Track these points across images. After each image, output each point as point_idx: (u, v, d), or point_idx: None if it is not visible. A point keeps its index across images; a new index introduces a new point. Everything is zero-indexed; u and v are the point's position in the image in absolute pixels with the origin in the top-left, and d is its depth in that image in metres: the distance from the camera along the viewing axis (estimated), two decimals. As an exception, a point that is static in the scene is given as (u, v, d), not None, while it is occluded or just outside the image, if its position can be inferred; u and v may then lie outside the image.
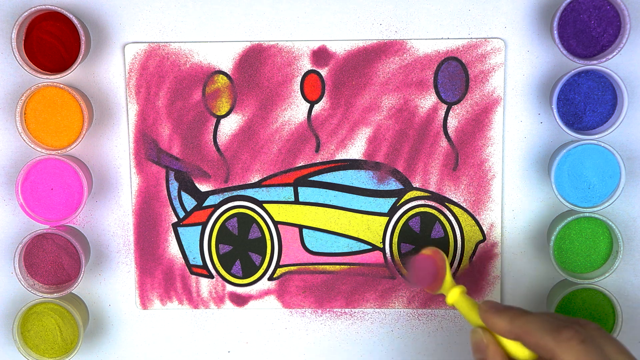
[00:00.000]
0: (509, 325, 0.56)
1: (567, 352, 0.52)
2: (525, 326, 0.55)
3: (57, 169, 0.67)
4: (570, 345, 0.53)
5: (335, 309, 0.71)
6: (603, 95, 0.67)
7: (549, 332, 0.54)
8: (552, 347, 0.53)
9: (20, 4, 0.68)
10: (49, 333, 0.69)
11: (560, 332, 0.53)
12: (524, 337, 0.55)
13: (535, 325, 0.55)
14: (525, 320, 0.56)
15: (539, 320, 0.55)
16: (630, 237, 0.69)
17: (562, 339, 0.53)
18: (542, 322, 0.55)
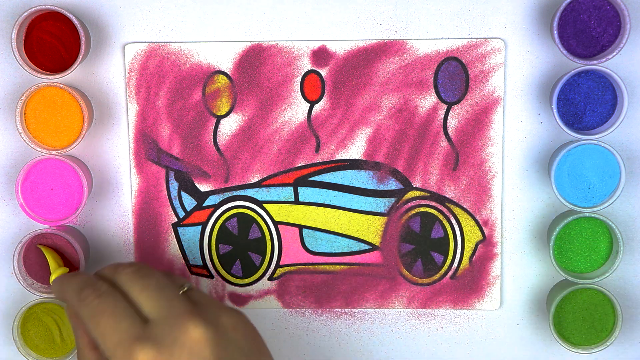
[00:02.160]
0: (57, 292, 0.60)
1: (82, 310, 0.55)
2: (63, 290, 0.58)
3: (57, 169, 0.67)
4: (87, 302, 0.55)
5: (335, 309, 0.71)
6: (603, 95, 0.67)
7: (75, 293, 0.56)
8: (76, 308, 0.56)
9: (20, 4, 0.68)
10: (49, 333, 0.68)
11: (82, 291, 0.56)
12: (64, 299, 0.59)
13: (70, 287, 0.57)
14: (65, 283, 0.58)
15: (74, 281, 0.58)
16: (630, 237, 0.69)
17: (82, 297, 0.56)
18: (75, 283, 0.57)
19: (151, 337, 0.53)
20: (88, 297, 0.56)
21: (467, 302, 0.70)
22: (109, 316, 0.54)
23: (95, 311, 0.55)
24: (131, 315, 0.54)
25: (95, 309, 0.55)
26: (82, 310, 0.56)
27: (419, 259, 0.70)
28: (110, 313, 0.54)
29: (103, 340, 0.54)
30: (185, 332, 0.53)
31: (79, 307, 0.56)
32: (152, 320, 0.54)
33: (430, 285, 0.70)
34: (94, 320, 0.54)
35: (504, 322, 0.71)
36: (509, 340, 0.71)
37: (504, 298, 0.70)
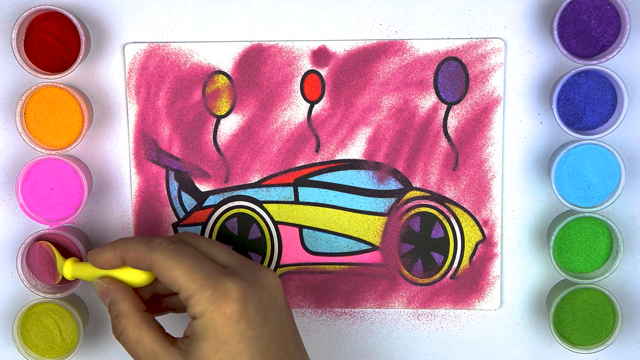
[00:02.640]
0: (112, 252, 0.59)
1: (158, 253, 0.56)
2: (124, 246, 0.59)
3: (57, 169, 0.67)
4: (162, 247, 0.57)
5: (335, 309, 0.71)
6: (603, 95, 0.67)
7: (143, 243, 0.58)
8: (147, 254, 0.57)
9: (20, 4, 0.68)
10: (49, 333, 0.69)
11: (153, 240, 0.58)
12: (126, 257, 0.58)
13: (132, 242, 0.58)
14: (123, 242, 0.59)
15: (135, 239, 0.59)
16: (630, 237, 0.69)
17: (154, 244, 0.57)
18: (139, 239, 0.58)
19: (237, 274, 0.56)
20: (163, 243, 0.57)
21: (467, 302, 0.70)
22: (190, 255, 0.56)
23: (175, 252, 0.56)
24: (209, 258, 0.57)
25: (175, 250, 0.56)
26: (158, 252, 0.57)
27: (419, 259, 0.70)
28: (190, 253, 0.56)
29: (188, 276, 0.55)
30: (263, 275, 0.57)
31: (153, 252, 0.57)
32: (229, 266, 0.57)
33: (430, 285, 0.70)
34: (176, 259, 0.56)
35: (504, 322, 0.71)
36: (509, 340, 0.71)
37: (504, 298, 0.70)
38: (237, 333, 0.54)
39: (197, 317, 0.55)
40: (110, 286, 0.60)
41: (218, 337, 0.54)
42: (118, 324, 0.59)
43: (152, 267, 0.57)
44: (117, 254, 0.59)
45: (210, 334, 0.54)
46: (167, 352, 0.56)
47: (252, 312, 0.54)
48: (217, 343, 0.54)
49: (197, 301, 0.55)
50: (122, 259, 0.59)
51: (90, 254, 0.61)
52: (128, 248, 0.59)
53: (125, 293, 0.60)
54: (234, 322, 0.54)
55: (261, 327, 0.55)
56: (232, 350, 0.54)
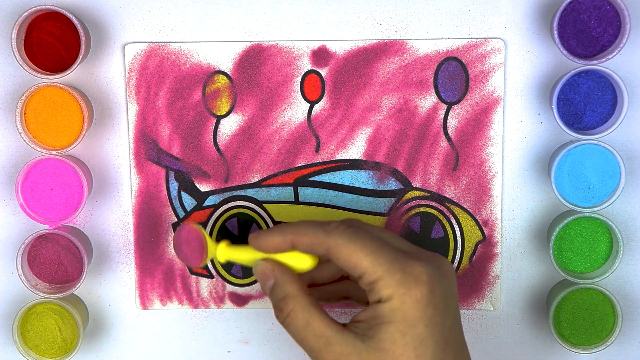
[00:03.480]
0: (281, 236, 0.58)
1: (337, 237, 0.55)
2: (295, 230, 0.57)
3: (57, 169, 0.68)
4: (339, 231, 0.55)
5: (335, 308, 0.71)
6: (603, 95, 0.67)
7: (317, 228, 0.56)
8: (324, 239, 0.55)
9: (20, 4, 0.68)
10: (49, 333, 0.69)
11: (327, 224, 0.56)
12: (298, 241, 0.57)
13: (305, 226, 0.57)
14: (294, 226, 0.58)
15: (307, 222, 0.58)
16: (630, 237, 0.69)
17: (330, 229, 0.56)
18: (310, 223, 0.57)
19: (421, 258, 0.55)
20: (340, 227, 0.56)
21: (467, 302, 0.70)
22: (371, 239, 0.55)
23: (356, 236, 0.55)
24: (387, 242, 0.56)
25: (355, 234, 0.55)
26: (337, 236, 0.55)
27: (419, 259, 0.70)
28: (370, 237, 0.55)
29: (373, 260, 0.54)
30: (442, 263, 0.56)
31: (331, 235, 0.55)
32: (409, 252, 0.56)
33: (430, 285, 0.70)
34: (358, 243, 0.55)
35: (504, 322, 0.71)
36: (509, 340, 0.71)
37: (504, 298, 0.70)
38: (425, 317, 0.53)
39: (383, 301, 0.53)
40: (275, 268, 0.58)
41: (406, 321, 0.53)
42: (285, 306, 0.57)
43: (330, 251, 0.56)
44: (287, 238, 0.57)
45: (399, 317, 0.53)
46: (341, 335, 0.55)
47: (438, 298, 0.54)
48: (405, 326, 0.53)
49: (385, 284, 0.53)
50: (292, 243, 0.57)
51: (255, 237, 0.59)
52: (301, 232, 0.57)
53: (290, 275, 0.58)
54: (423, 306, 0.53)
55: (445, 314, 0.54)
56: (419, 334, 0.53)
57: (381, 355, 0.53)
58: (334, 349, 0.54)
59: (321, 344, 0.55)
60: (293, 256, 0.59)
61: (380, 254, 0.54)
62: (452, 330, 0.54)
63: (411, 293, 0.53)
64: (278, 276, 0.58)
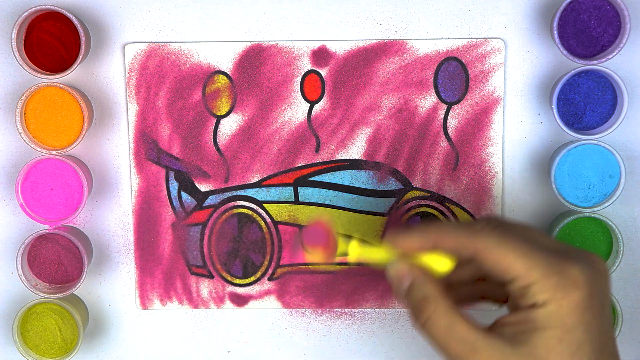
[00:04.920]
0: (422, 237, 0.55)
1: (486, 239, 0.52)
2: (439, 231, 0.54)
3: (57, 169, 0.68)
4: (488, 232, 0.52)
5: (335, 309, 0.71)
6: (603, 95, 0.67)
7: (463, 229, 0.53)
8: (471, 241, 0.52)
9: (20, 4, 0.68)
10: (49, 333, 0.69)
11: (473, 225, 0.53)
12: (442, 242, 0.54)
13: (448, 227, 0.54)
14: (436, 227, 0.55)
15: (449, 224, 0.55)
16: (630, 237, 0.69)
17: (476, 229, 0.52)
18: (453, 224, 0.55)
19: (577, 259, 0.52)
20: (486, 228, 0.53)
21: (467, 302, 0.70)
22: (522, 241, 0.52)
23: (504, 238, 0.52)
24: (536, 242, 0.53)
25: (504, 236, 0.52)
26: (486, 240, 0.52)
27: (419, 259, 0.70)
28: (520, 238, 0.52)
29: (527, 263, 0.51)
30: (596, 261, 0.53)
31: (477, 239, 0.52)
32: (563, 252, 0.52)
33: (431, 285, 0.70)
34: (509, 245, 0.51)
35: (504, 322, 0.71)
36: (509, 340, 0.71)
37: (504, 298, 0.70)
38: (583, 322, 0.50)
39: (538, 306, 0.50)
40: (413, 269, 0.55)
41: (564, 326, 0.50)
42: (425, 308, 0.53)
43: (477, 254, 0.52)
44: (429, 238, 0.54)
45: (556, 322, 0.50)
46: (487, 341, 0.52)
47: (595, 301, 0.51)
48: (563, 332, 0.50)
49: (540, 288, 0.50)
50: (434, 243, 0.54)
51: (392, 237, 0.55)
52: (445, 233, 0.54)
53: (430, 276, 0.54)
54: (581, 311, 0.50)
55: (602, 317, 0.51)
56: (577, 340, 0.50)
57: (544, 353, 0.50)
58: (481, 355, 0.52)
59: (467, 349, 0.52)
60: (431, 258, 0.55)
61: (533, 256, 0.51)
62: (608, 334, 0.52)
63: (569, 297, 0.50)
64: (417, 277, 0.54)
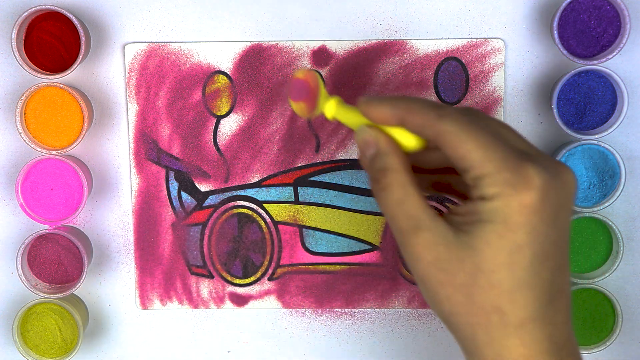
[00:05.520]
0: (392, 109, 0.52)
1: (450, 122, 0.49)
2: (408, 106, 0.51)
3: (57, 169, 0.68)
4: (454, 117, 0.49)
5: (335, 309, 0.71)
6: (603, 95, 0.67)
7: (431, 110, 0.50)
8: (435, 122, 0.50)
9: (20, 4, 0.68)
10: (49, 333, 0.69)
11: (442, 108, 0.50)
12: (408, 118, 0.51)
13: (418, 104, 0.51)
14: (408, 101, 0.52)
15: (421, 100, 0.52)
16: (630, 237, 0.69)
17: (444, 113, 0.50)
18: (425, 102, 0.51)
19: (538, 162, 0.48)
20: (454, 113, 0.50)
21: (467, 302, 0.70)
22: (486, 132, 0.49)
23: (469, 126, 0.49)
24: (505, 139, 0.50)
25: (470, 124, 0.49)
26: (449, 123, 0.49)
27: (419, 259, 0.70)
28: (486, 130, 0.49)
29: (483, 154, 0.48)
30: (563, 170, 0.49)
31: (443, 120, 0.49)
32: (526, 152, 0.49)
33: (431, 285, 0.70)
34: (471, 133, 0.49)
35: (504, 322, 0.71)
36: (509, 340, 0.71)
37: (504, 298, 0.70)
38: (528, 224, 0.47)
39: (486, 199, 0.48)
40: (380, 137, 0.52)
41: (507, 224, 0.48)
42: (382, 178, 0.51)
43: (438, 138, 0.50)
44: (397, 113, 0.52)
45: (499, 218, 0.48)
46: (433, 222, 0.49)
47: (548, 207, 0.48)
48: (504, 229, 0.48)
49: (492, 182, 0.48)
50: (401, 119, 0.52)
51: (365, 103, 0.53)
52: (413, 110, 0.51)
53: (395, 148, 0.52)
54: (529, 213, 0.47)
55: (551, 226, 0.48)
56: (517, 241, 0.48)
57: (471, 253, 0.48)
58: (423, 235, 0.49)
59: (411, 226, 0.50)
60: (401, 132, 0.53)
61: (493, 149, 0.48)
62: (556, 244, 0.49)
63: (518, 196, 0.47)
64: (382, 146, 0.52)
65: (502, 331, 0.48)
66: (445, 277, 0.49)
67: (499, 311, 0.48)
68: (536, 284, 0.48)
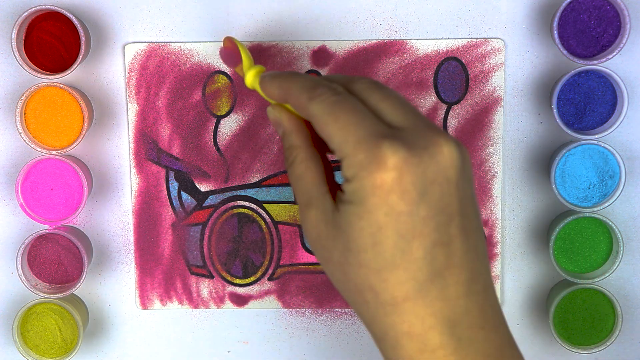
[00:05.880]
0: (278, 89, 0.53)
1: (316, 107, 0.49)
2: (288, 87, 0.51)
3: (57, 169, 0.68)
4: (321, 100, 0.49)
5: (335, 309, 0.71)
6: (603, 95, 0.67)
7: (304, 91, 0.50)
8: (306, 105, 0.50)
9: (20, 4, 0.68)
10: (49, 333, 0.69)
11: (315, 89, 0.50)
12: (289, 100, 0.52)
13: (296, 85, 0.51)
14: (289, 81, 0.52)
15: (301, 80, 0.51)
16: (630, 237, 0.69)
17: (315, 94, 0.49)
18: (304, 81, 0.51)
19: (401, 137, 0.47)
20: (324, 94, 0.49)
21: (467, 302, 0.70)
22: (349, 112, 0.48)
23: (333, 107, 0.49)
24: (374, 116, 0.49)
25: (334, 105, 0.49)
26: (316, 106, 0.49)
27: (419, 259, 0.70)
28: (351, 109, 0.48)
29: (342, 135, 0.48)
30: (437, 144, 0.48)
31: (311, 104, 0.49)
32: (398, 126, 0.49)
33: (430, 285, 0.70)
34: (332, 116, 0.48)
35: (504, 322, 0.71)
36: (509, 340, 0.71)
37: (504, 298, 0.70)
38: (385, 205, 0.47)
39: (348, 180, 0.48)
40: (282, 116, 0.53)
41: (364, 205, 0.47)
42: (289, 155, 0.53)
43: (310, 120, 0.50)
44: (281, 93, 0.52)
45: (358, 200, 0.47)
46: (322, 198, 0.50)
47: (408, 185, 0.47)
48: (362, 211, 0.47)
49: (349, 164, 0.48)
50: (285, 100, 0.53)
51: (262, 78, 0.54)
52: (290, 92, 0.51)
53: (297, 125, 0.53)
54: (384, 193, 0.47)
55: (416, 203, 0.47)
56: (377, 221, 0.47)
57: (341, 233, 0.49)
58: (310, 211, 0.50)
59: (304, 201, 0.51)
60: None
61: (352, 130, 0.48)
62: (429, 220, 0.47)
63: (371, 177, 0.47)
64: (285, 125, 0.53)
65: (380, 310, 0.48)
66: (326, 254, 0.50)
67: (372, 290, 0.48)
68: (408, 263, 0.47)
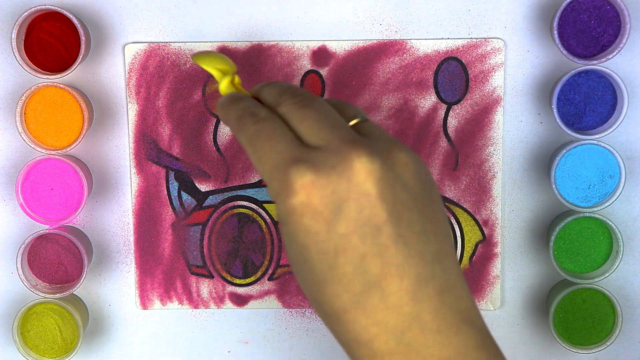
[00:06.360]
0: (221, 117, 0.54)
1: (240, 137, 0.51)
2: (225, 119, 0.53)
3: (57, 169, 0.68)
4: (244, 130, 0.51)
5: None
6: (603, 95, 0.67)
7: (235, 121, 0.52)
8: (236, 132, 0.51)
9: (20, 4, 0.68)
10: (49, 333, 0.69)
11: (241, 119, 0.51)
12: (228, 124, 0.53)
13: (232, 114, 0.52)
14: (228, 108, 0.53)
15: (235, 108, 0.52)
16: (630, 237, 0.69)
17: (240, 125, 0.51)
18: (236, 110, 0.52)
19: (309, 160, 0.48)
20: (245, 124, 0.51)
21: (467, 302, 0.70)
22: (265, 139, 0.49)
23: (251, 138, 0.50)
24: (290, 139, 0.49)
25: (252, 136, 0.50)
26: (240, 137, 0.51)
27: (419, 259, 0.70)
28: (267, 136, 0.49)
29: (260, 165, 0.50)
30: (346, 160, 0.48)
31: (237, 135, 0.51)
32: (314, 146, 0.49)
33: (430, 285, 0.70)
34: (251, 146, 0.50)
35: (504, 322, 0.71)
36: (509, 340, 0.71)
37: (504, 298, 0.70)
38: (302, 228, 0.48)
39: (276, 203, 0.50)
40: None
41: (286, 227, 0.49)
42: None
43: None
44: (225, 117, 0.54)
45: (281, 222, 0.49)
46: None
47: (318, 206, 0.47)
48: (287, 232, 0.49)
49: (269, 191, 0.49)
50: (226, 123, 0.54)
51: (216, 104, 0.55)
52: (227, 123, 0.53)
53: None
54: (298, 217, 0.48)
55: (331, 222, 0.47)
56: (300, 242, 0.48)
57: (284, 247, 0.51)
58: None
59: None
60: None
61: (267, 158, 0.49)
62: (350, 236, 0.47)
63: (284, 204, 0.48)
64: None
65: (326, 319, 0.49)
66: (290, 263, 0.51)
67: (315, 302, 0.49)
68: (339, 277, 0.47)
